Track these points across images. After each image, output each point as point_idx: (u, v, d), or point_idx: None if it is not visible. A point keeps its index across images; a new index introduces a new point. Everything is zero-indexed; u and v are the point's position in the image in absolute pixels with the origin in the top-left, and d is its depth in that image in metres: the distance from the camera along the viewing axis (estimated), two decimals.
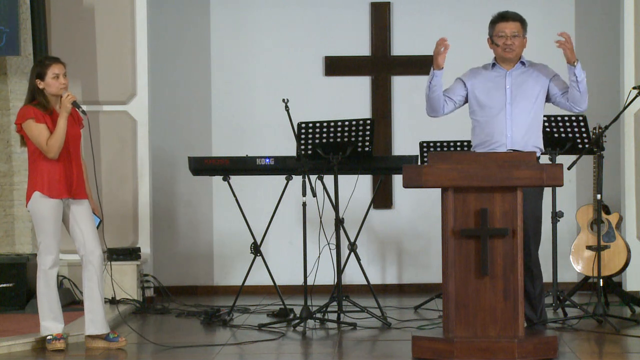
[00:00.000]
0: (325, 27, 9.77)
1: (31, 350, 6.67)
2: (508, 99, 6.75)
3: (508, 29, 6.77)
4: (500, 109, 6.73)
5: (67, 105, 6.52)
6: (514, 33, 6.77)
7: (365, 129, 7.68)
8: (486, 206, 6.06)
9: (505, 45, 6.77)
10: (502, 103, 6.75)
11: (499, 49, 6.79)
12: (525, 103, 6.75)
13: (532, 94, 6.78)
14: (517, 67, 6.83)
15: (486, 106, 6.77)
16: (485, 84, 6.82)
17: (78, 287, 8.29)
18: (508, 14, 6.82)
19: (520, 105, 6.74)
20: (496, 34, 6.80)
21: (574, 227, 9.16)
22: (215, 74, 9.76)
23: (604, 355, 6.59)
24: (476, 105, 6.82)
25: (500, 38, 6.78)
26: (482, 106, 6.79)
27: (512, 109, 6.73)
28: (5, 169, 8.76)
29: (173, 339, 7.00)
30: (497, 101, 6.75)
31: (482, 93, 6.80)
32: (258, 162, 8.01)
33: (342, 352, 6.65)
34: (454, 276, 6.07)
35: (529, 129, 6.74)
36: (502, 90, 6.77)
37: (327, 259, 7.86)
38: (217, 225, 9.71)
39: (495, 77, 6.82)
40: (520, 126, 6.72)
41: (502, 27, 6.78)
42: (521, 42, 6.82)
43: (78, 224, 6.64)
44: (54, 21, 8.90)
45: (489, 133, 6.74)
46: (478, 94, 6.81)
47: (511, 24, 6.78)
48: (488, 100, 6.78)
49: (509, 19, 6.78)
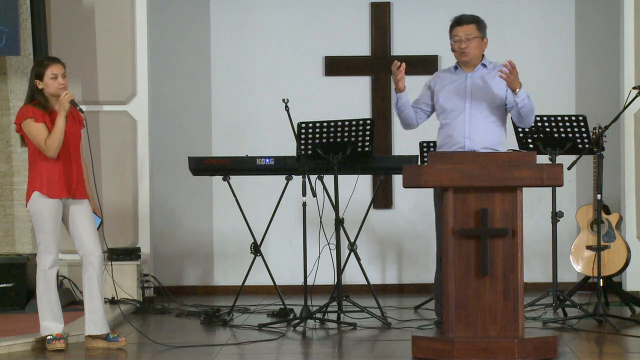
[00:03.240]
0: (325, 27, 9.77)
1: (31, 350, 6.67)
2: (468, 102, 6.78)
3: (462, 32, 6.80)
4: (461, 112, 6.78)
5: (65, 104, 6.52)
6: (468, 36, 6.79)
7: (365, 129, 7.68)
8: (486, 206, 6.06)
9: (460, 49, 6.80)
10: (462, 106, 6.79)
11: (456, 53, 6.84)
12: (485, 105, 6.77)
13: (493, 96, 6.79)
14: (477, 69, 6.86)
15: (447, 109, 6.82)
16: (448, 87, 6.87)
17: (78, 287, 8.28)
18: (462, 17, 6.85)
19: (480, 107, 6.77)
20: (452, 39, 6.84)
21: (574, 227, 9.16)
22: (215, 74, 9.76)
23: (604, 355, 6.59)
24: (440, 109, 6.89)
25: (456, 42, 6.82)
26: (444, 109, 6.85)
27: (472, 111, 6.76)
28: (5, 169, 8.77)
29: (173, 339, 6.99)
30: (457, 104, 6.80)
31: (444, 97, 6.86)
32: (258, 162, 8.01)
33: (342, 352, 6.65)
34: (454, 276, 6.08)
35: (489, 130, 6.76)
36: (463, 93, 6.81)
37: (327, 259, 7.87)
38: (217, 225, 9.71)
39: (456, 80, 6.87)
40: (480, 128, 6.74)
41: (456, 31, 6.82)
42: (478, 43, 6.82)
43: (78, 224, 6.64)
44: (54, 21, 8.90)
45: (449, 134, 6.78)
46: (441, 98, 6.87)
47: (465, 27, 6.80)
48: (449, 103, 6.83)
49: (462, 23, 6.81)
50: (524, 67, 9.45)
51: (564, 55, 9.68)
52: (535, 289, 8.98)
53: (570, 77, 9.67)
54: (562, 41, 9.68)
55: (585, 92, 9.63)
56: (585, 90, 9.64)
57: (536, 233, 9.39)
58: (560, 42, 9.68)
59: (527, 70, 9.49)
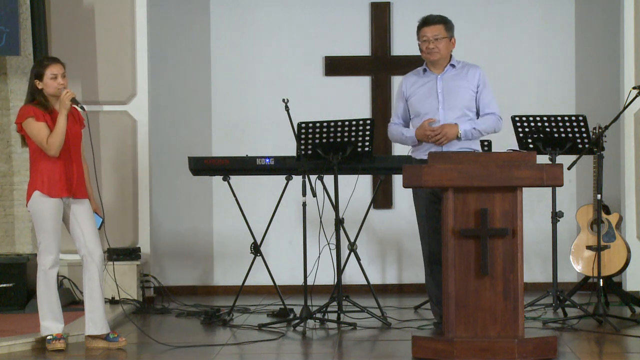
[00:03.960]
0: (325, 27, 9.77)
1: (31, 350, 6.68)
2: (440, 104, 6.79)
3: (429, 32, 6.83)
4: (434, 114, 6.79)
5: (66, 102, 6.52)
6: (436, 36, 6.81)
7: (365, 129, 7.68)
8: (486, 206, 6.06)
9: (428, 49, 6.82)
10: (434, 108, 6.81)
11: (424, 53, 6.85)
12: (457, 105, 6.79)
13: (465, 96, 6.81)
14: (447, 70, 6.87)
15: (420, 113, 6.85)
16: (419, 90, 6.89)
17: (78, 287, 8.29)
18: (429, 18, 6.88)
19: (454, 109, 6.79)
20: (420, 39, 6.87)
21: (574, 227, 9.15)
22: (215, 74, 9.76)
23: (604, 355, 6.59)
24: (414, 112, 6.91)
25: (424, 43, 6.85)
26: (418, 113, 6.88)
27: (445, 113, 6.78)
28: (5, 169, 8.76)
29: (173, 339, 6.99)
30: (430, 107, 6.82)
31: (416, 101, 6.89)
32: (258, 162, 8.01)
33: (342, 352, 6.65)
34: (454, 276, 6.07)
35: None
36: (434, 95, 6.82)
37: (327, 259, 7.86)
38: (217, 225, 9.71)
39: (426, 82, 6.89)
40: None
41: (424, 31, 6.85)
42: (446, 44, 6.84)
43: (79, 224, 6.64)
44: (54, 21, 8.90)
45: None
46: (414, 102, 6.89)
47: (432, 27, 6.83)
48: (422, 107, 6.86)
49: (430, 23, 6.85)
50: (524, 67, 9.52)
51: (564, 55, 9.67)
52: (535, 289, 8.98)
53: (570, 77, 9.67)
54: (562, 41, 9.67)
55: (585, 92, 9.63)
56: (585, 90, 9.64)
57: (536, 233, 9.39)
58: (560, 42, 9.68)
59: (527, 70, 9.54)
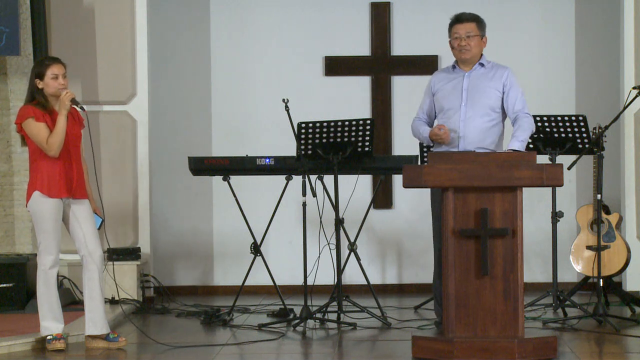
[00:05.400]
0: (325, 27, 9.77)
1: (31, 350, 6.67)
2: (463, 101, 6.80)
3: (462, 30, 6.83)
4: (456, 111, 6.81)
5: (66, 103, 6.52)
6: (469, 33, 6.82)
7: (365, 129, 7.68)
8: (486, 206, 6.06)
9: (460, 46, 6.83)
10: (457, 105, 6.81)
11: (455, 50, 6.85)
12: (480, 104, 6.79)
13: (490, 96, 6.81)
14: (475, 68, 6.88)
15: (444, 108, 6.86)
16: (445, 86, 6.90)
17: (78, 287, 8.28)
18: (462, 15, 6.88)
19: (476, 107, 6.78)
20: (452, 36, 6.87)
21: (574, 227, 9.15)
22: (215, 74, 9.76)
23: (604, 355, 6.58)
24: (439, 108, 6.93)
25: (456, 40, 6.85)
26: (442, 108, 6.89)
27: (467, 110, 6.78)
28: (5, 169, 8.76)
29: (173, 339, 6.99)
30: (453, 103, 6.83)
31: (442, 97, 6.90)
32: (258, 162, 8.01)
33: (342, 352, 6.65)
34: (454, 276, 6.07)
35: (485, 130, 6.78)
36: (459, 92, 6.83)
37: (327, 259, 7.86)
38: (217, 225, 9.71)
39: (453, 79, 6.90)
40: (475, 127, 6.76)
41: (457, 28, 6.85)
42: (478, 42, 6.85)
43: (79, 224, 6.64)
44: (54, 21, 8.90)
45: None
46: (439, 97, 6.90)
47: (465, 24, 6.84)
48: (446, 102, 6.87)
49: (463, 21, 6.86)
50: (524, 67, 9.51)
51: (564, 55, 9.67)
52: (535, 289, 8.98)
53: (570, 77, 9.67)
54: (562, 41, 9.67)
55: (585, 92, 9.63)
56: (585, 90, 9.64)
57: (536, 233, 9.39)
58: (560, 42, 9.68)
59: (527, 70, 9.53)
